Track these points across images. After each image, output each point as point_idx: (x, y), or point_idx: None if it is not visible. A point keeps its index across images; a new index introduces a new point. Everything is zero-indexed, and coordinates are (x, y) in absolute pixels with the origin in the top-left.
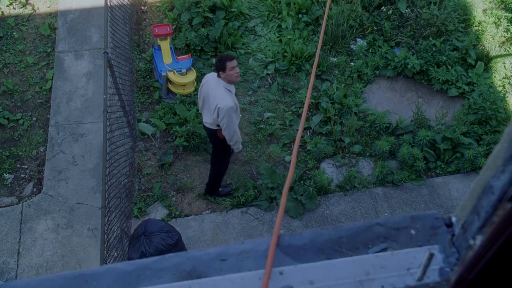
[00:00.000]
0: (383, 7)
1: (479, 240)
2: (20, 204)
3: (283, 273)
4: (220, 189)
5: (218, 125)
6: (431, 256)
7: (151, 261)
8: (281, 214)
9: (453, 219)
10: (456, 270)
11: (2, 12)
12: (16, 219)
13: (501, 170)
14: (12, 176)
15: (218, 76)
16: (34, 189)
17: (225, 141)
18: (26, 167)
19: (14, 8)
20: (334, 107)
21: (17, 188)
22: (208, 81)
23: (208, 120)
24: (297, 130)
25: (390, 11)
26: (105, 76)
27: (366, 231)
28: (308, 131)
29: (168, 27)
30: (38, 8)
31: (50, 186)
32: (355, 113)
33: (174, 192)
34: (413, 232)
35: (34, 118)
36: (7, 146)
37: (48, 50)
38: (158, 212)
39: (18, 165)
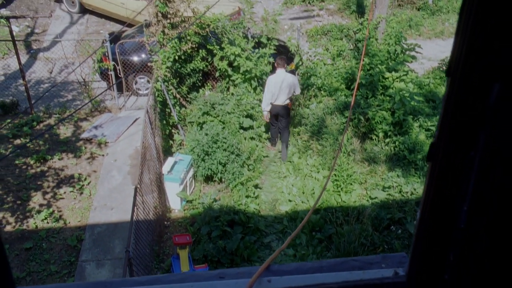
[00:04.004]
0: (392, 227)
1: None
2: None
3: (271, 281)
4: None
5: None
6: (396, 273)
7: (161, 276)
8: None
9: None
10: None
11: (37, 225)
12: None
13: None
14: None
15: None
16: None
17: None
18: None
19: (47, 222)
20: None
21: None
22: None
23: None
24: None
25: (399, 231)
26: (124, 274)
27: (343, 264)
28: None
29: (188, 237)
30: (69, 222)
31: None
32: None
33: None
34: (383, 265)
35: None
36: None
37: (72, 260)
38: None
39: None
